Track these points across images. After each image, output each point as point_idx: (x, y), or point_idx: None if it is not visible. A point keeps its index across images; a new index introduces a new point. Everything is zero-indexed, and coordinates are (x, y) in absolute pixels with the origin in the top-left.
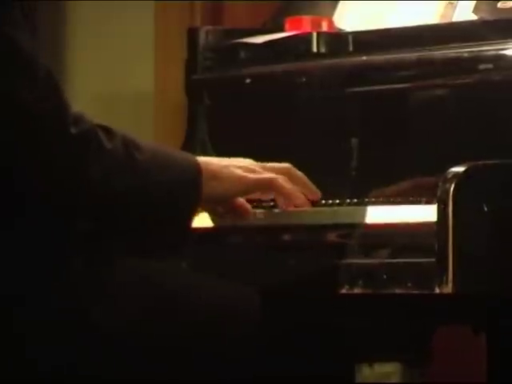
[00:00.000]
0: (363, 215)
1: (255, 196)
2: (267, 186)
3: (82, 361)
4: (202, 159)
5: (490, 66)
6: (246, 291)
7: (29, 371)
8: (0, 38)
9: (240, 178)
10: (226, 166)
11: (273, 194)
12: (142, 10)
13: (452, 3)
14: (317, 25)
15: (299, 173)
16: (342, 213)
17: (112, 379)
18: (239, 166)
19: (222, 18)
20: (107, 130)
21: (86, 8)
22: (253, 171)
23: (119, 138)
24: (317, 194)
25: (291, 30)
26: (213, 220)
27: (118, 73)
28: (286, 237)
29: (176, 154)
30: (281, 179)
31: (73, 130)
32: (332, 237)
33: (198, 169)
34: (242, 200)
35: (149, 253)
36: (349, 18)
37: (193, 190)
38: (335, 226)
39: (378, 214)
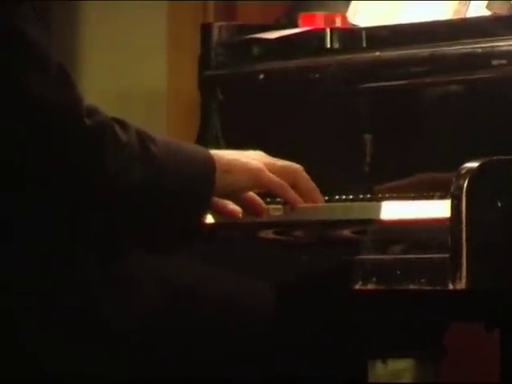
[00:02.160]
0: (377, 211)
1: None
2: (280, 192)
3: (94, 359)
4: (214, 152)
5: (504, 61)
6: (259, 287)
7: (39, 370)
8: (12, 32)
9: (253, 171)
10: (239, 159)
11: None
12: (154, 8)
13: (465, 2)
14: (330, 21)
15: (306, 176)
16: (355, 209)
17: (123, 377)
18: (252, 158)
19: (235, 17)
20: (122, 123)
21: (98, 7)
22: (268, 165)
23: (133, 131)
24: (320, 200)
25: (304, 25)
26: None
27: (130, 70)
28: (299, 233)
29: (189, 146)
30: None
31: (87, 122)
32: (345, 233)
33: (211, 161)
34: (255, 196)
35: (162, 245)
36: (361, 17)
37: (206, 182)
38: (348, 222)
39: (391, 210)
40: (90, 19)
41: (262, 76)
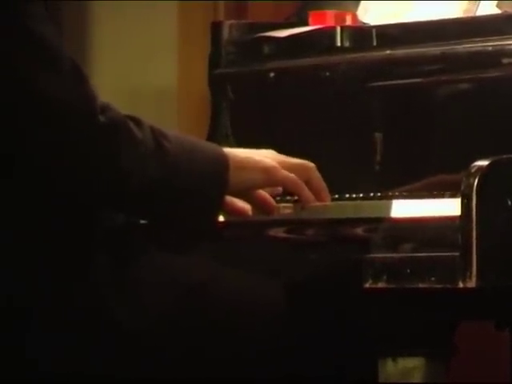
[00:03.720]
0: (387, 209)
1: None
2: (294, 188)
3: (106, 359)
4: (227, 150)
5: None
6: (269, 285)
7: (52, 370)
8: (25, 31)
9: (267, 168)
10: (252, 157)
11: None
12: (165, 7)
13: (475, 2)
14: (340, 19)
15: (318, 175)
16: (365, 207)
17: (135, 377)
18: (264, 156)
19: (246, 16)
20: (136, 120)
21: (108, 6)
22: (281, 163)
23: (147, 128)
24: (328, 199)
25: (315, 24)
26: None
27: (141, 68)
28: (309, 231)
29: (202, 143)
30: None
31: (101, 119)
32: (355, 231)
33: (224, 158)
34: (266, 195)
35: (176, 243)
36: (371, 16)
37: (219, 179)
38: (359, 221)
39: (401, 208)
40: (100, 18)
41: (272, 74)
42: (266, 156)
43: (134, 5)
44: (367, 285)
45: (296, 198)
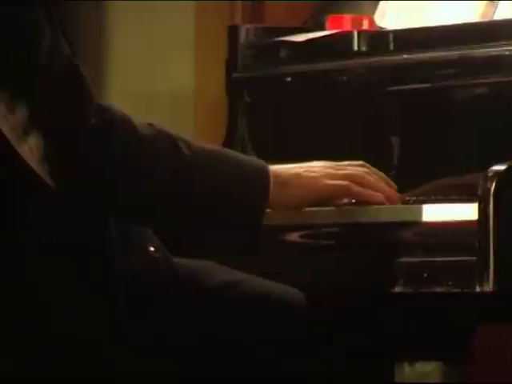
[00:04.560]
0: (404, 214)
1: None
2: (344, 193)
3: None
4: (273, 167)
5: None
6: (286, 290)
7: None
8: (19, 33)
9: (314, 185)
10: (298, 173)
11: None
12: (182, 8)
13: (493, 3)
14: (357, 23)
15: (371, 179)
16: (382, 211)
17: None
18: (313, 170)
19: (263, 17)
20: (149, 124)
21: (126, 8)
22: (328, 176)
23: (160, 131)
24: (395, 198)
25: (332, 28)
26: None
27: (158, 72)
28: (326, 235)
29: (245, 158)
30: (355, 187)
31: (94, 121)
32: (372, 236)
33: (266, 173)
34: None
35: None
36: (388, 20)
37: (260, 192)
38: (375, 225)
39: (418, 213)
40: (117, 20)
41: (289, 78)
42: (313, 168)
43: (151, 6)
44: (384, 289)
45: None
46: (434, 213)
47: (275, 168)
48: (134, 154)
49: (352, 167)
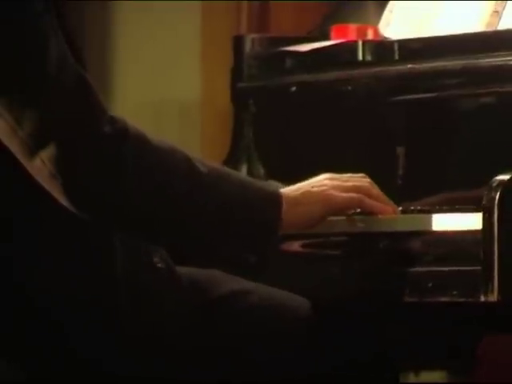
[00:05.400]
0: (409, 223)
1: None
2: (356, 205)
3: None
4: (282, 189)
5: None
6: (293, 300)
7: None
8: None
9: (327, 199)
10: (308, 190)
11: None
12: (188, 19)
13: (497, 12)
14: (362, 33)
15: (376, 192)
16: (387, 221)
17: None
18: (321, 184)
19: (269, 22)
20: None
21: (131, 17)
22: (339, 188)
23: (174, 149)
24: (395, 211)
25: (337, 38)
26: None
27: (164, 81)
28: (331, 245)
29: (255, 182)
30: (367, 199)
31: (107, 130)
32: (376, 245)
33: (278, 196)
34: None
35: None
36: (394, 27)
37: (272, 213)
38: (381, 235)
39: (423, 222)
40: (123, 31)
41: (294, 88)
42: (321, 183)
43: (158, 14)
44: (389, 299)
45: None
46: (439, 222)
47: (284, 190)
48: (147, 166)
49: (355, 179)
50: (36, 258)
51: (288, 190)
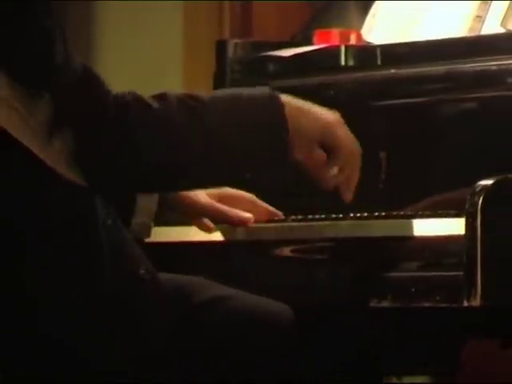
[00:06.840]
0: (392, 229)
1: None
2: (340, 152)
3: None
4: (285, 97)
5: None
6: (275, 305)
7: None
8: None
9: (327, 122)
10: (313, 107)
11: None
12: (170, 20)
13: (480, 17)
14: (345, 38)
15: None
16: (370, 226)
17: None
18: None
19: (251, 22)
20: (159, 95)
21: (114, 22)
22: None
23: (173, 97)
24: (349, 195)
25: (320, 43)
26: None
27: (146, 86)
28: (314, 250)
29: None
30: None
31: (111, 113)
32: (360, 250)
33: (276, 97)
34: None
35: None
36: (377, 32)
37: (276, 119)
38: (364, 240)
39: (406, 228)
40: (106, 35)
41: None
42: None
43: (139, 19)
44: (372, 304)
45: (299, 217)
46: (422, 228)
47: (288, 98)
48: (152, 127)
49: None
50: (26, 264)
51: (292, 98)
